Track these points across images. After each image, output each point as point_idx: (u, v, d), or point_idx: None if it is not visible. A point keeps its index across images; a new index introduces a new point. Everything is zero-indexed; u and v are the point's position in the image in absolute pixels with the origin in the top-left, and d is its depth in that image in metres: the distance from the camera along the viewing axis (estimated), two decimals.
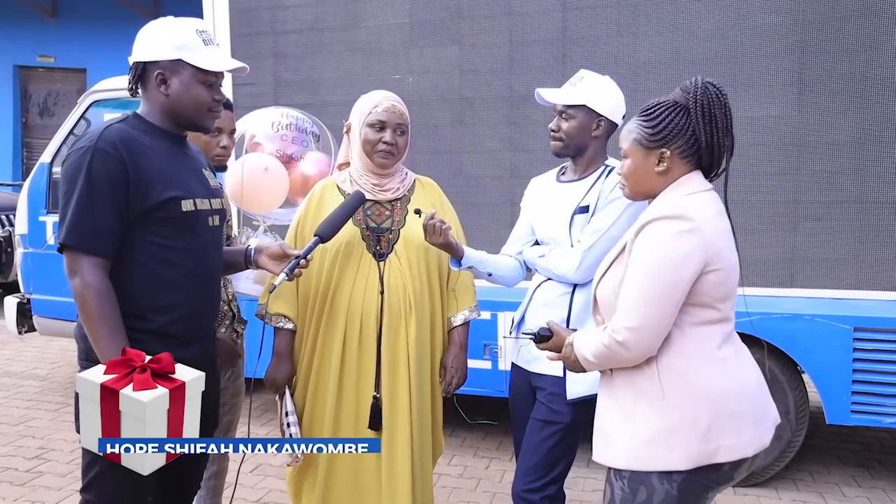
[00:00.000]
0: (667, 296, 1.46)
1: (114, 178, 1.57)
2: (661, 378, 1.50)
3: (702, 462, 1.48)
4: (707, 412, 1.48)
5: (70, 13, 10.55)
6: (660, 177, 1.55)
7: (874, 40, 2.97)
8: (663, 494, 1.50)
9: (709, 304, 1.50)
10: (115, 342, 1.54)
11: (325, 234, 1.94)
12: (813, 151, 3.06)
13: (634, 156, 1.57)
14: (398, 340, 2.02)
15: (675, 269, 1.45)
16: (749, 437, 1.51)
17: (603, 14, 3.29)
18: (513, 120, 3.46)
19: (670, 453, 1.48)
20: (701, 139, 1.52)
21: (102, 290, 1.57)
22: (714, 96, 1.51)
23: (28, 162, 10.59)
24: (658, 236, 1.47)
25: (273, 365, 2.09)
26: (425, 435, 2.08)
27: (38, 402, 4.48)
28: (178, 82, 1.68)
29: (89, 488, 1.66)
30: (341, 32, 3.69)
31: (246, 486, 3.25)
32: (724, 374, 1.51)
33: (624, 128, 1.61)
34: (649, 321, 1.46)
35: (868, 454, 3.76)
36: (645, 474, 1.51)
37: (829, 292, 3.09)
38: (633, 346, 1.48)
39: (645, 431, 1.50)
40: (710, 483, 1.52)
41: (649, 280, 1.46)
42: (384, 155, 2.05)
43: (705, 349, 1.51)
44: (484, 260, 2.12)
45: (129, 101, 4.39)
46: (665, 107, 1.54)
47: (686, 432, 1.47)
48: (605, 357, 1.54)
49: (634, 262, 1.49)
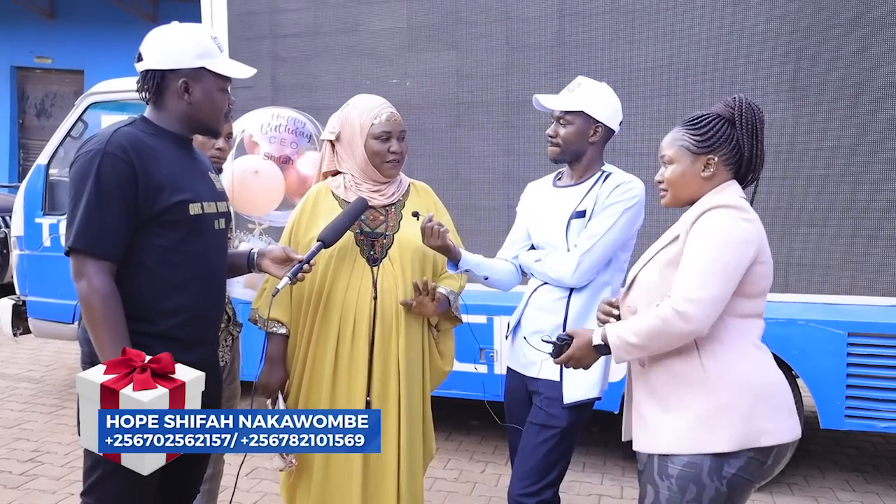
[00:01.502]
0: (729, 272, 1.52)
1: (122, 181, 1.58)
2: (704, 363, 1.56)
3: (746, 445, 1.52)
4: (748, 397, 1.54)
5: (68, 14, 10.54)
6: (704, 181, 1.64)
7: (868, 48, 2.99)
8: (713, 492, 1.52)
9: (752, 296, 1.58)
10: (118, 347, 1.54)
11: (328, 240, 1.94)
12: (807, 157, 3.08)
13: (681, 161, 1.65)
14: (390, 345, 2.02)
15: (739, 248, 1.53)
16: (788, 424, 1.57)
17: (600, 20, 3.31)
18: (510, 125, 3.48)
19: (715, 435, 1.52)
20: (744, 150, 1.63)
21: (108, 294, 1.57)
22: (756, 113, 1.64)
23: (25, 163, 10.56)
24: (723, 220, 1.55)
25: (266, 370, 2.08)
26: (414, 439, 2.07)
27: (33, 405, 4.46)
28: (200, 90, 1.69)
29: (90, 492, 1.66)
30: (340, 36, 3.70)
31: (241, 490, 3.25)
32: (762, 364, 1.59)
33: (667, 136, 1.70)
34: (711, 294, 1.51)
35: (862, 458, 3.78)
36: (696, 472, 1.53)
37: (824, 297, 3.11)
38: (693, 318, 1.51)
39: (688, 415, 1.55)
40: (756, 477, 1.56)
41: (714, 255, 1.52)
42: (393, 165, 2.06)
43: (746, 340, 1.59)
44: (480, 263, 2.13)
45: (128, 103, 4.40)
46: (711, 117, 1.65)
47: (729, 415, 1.53)
48: (656, 332, 1.55)
49: (696, 241, 1.55)
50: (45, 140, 5.14)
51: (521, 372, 2.16)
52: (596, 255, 2.03)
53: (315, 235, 1.97)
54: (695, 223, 1.57)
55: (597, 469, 3.55)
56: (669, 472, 1.56)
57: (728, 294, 1.53)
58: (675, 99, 3.22)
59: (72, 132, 4.57)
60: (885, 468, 3.67)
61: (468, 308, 2.22)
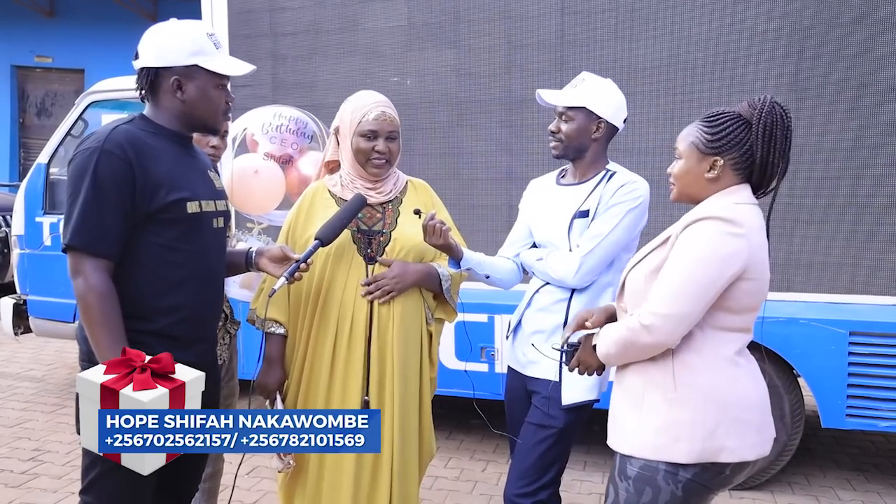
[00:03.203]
0: (702, 291, 1.48)
1: (120, 179, 1.57)
2: (676, 372, 1.53)
3: (704, 459, 1.50)
4: (715, 412, 1.51)
5: (68, 13, 10.53)
6: (709, 183, 1.58)
7: (870, 46, 2.98)
8: (668, 495, 1.52)
9: (735, 311, 1.53)
10: (115, 345, 1.53)
11: (325, 238, 1.93)
12: (809, 156, 3.08)
13: (689, 158, 1.60)
14: (386, 343, 2.02)
15: (718, 267, 1.48)
16: (752, 442, 1.54)
17: (600, 18, 3.30)
18: (510, 123, 3.47)
19: (675, 445, 1.51)
20: (756, 156, 1.55)
21: (105, 292, 1.56)
22: (779, 117, 1.53)
23: (25, 162, 10.55)
24: (708, 233, 1.50)
25: (264, 370, 2.07)
26: (408, 439, 2.06)
27: (34, 404, 4.46)
28: (194, 87, 1.68)
29: (89, 490, 1.66)
30: (340, 35, 3.69)
31: (242, 489, 3.25)
32: (735, 380, 1.54)
33: (686, 128, 1.63)
34: (679, 311, 1.49)
35: (863, 458, 3.78)
36: (651, 475, 1.53)
37: (825, 296, 3.10)
38: (657, 331, 1.50)
39: (652, 420, 1.54)
40: (713, 485, 1.55)
41: (690, 272, 1.49)
42: (378, 164, 2.03)
43: (722, 353, 1.54)
44: (482, 262, 2.12)
45: (128, 101, 4.39)
46: (728, 117, 1.57)
47: (692, 428, 1.50)
48: (625, 343, 1.56)
49: (678, 253, 1.52)
50: (46, 139, 5.14)
51: (522, 371, 2.16)
52: (598, 256, 2.02)
53: (312, 234, 1.96)
54: (683, 231, 1.53)
55: (598, 468, 3.55)
56: (628, 473, 1.56)
57: (699, 311, 1.50)
58: (676, 97, 3.22)
59: (72, 131, 4.57)
60: (887, 467, 3.66)
61: (469, 307, 2.21)
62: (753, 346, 1.64)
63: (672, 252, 1.53)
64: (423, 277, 2.05)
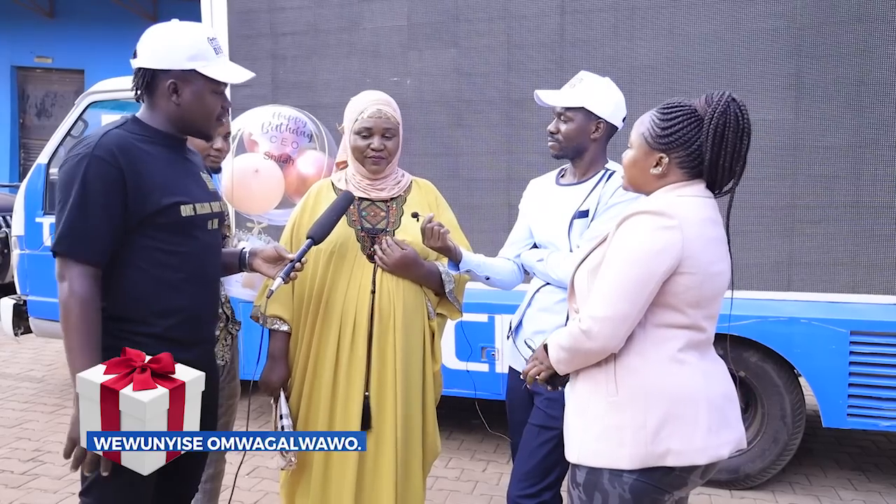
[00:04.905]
0: (636, 289, 1.44)
1: (109, 186, 1.56)
2: (617, 375, 1.49)
3: (648, 464, 1.46)
4: (658, 414, 1.45)
5: (68, 14, 10.54)
6: (654, 178, 1.54)
7: (870, 45, 2.98)
8: (617, 498, 1.48)
9: (675, 307, 1.48)
10: (86, 354, 1.52)
11: (316, 236, 1.94)
12: (809, 155, 3.07)
13: (637, 150, 1.57)
14: (387, 341, 2.02)
15: (648, 263, 1.43)
16: (702, 445, 1.46)
17: (600, 17, 3.30)
18: (510, 122, 3.47)
19: (617, 450, 1.47)
20: (705, 156, 1.49)
21: (87, 299, 1.55)
22: (733, 118, 1.46)
23: (25, 163, 10.56)
24: (637, 229, 1.46)
25: (268, 367, 2.09)
26: (411, 436, 2.06)
27: (34, 405, 4.46)
28: (190, 92, 1.66)
29: (89, 491, 1.66)
30: (340, 35, 3.69)
31: (243, 489, 3.25)
32: (680, 377, 1.48)
33: (642, 116, 1.58)
34: (616, 312, 1.45)
35: (864, 457, 3.77)
36: (596, 479, 1.50)
37: (826, 296, 3.10)
38: (596, 336, 1.46)
39: (595, 426, 1.50)
40: (663, 486, 1.49)
41: (622, 271, 1.45)
42: (373, 161, 2.05)
43: (664, 350, 1.48)
44: (482, 263, 2.12)
45: (127, 102, 4.39)
46: (681, 112, 1.51)
47: (634, 432, 1.46)
48: (570, 349, 1.52)
49: (610, 253, 1.49)
50: (46, 139, 5.14)
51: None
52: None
53: None
54: (617, 229, 1.49)
55: None
56: (577, 480, 1.54)
57: (637, 311, 1.45)
58: (676, 96, 3.21)
59: (72, 131, 4.57)
60: (888, 467, 3.66)
61: (469, 307, 2.21)
62: (717, 340, 1.57)
63: (609, 251, 1.49)
64: (424, 276, 2.07)
